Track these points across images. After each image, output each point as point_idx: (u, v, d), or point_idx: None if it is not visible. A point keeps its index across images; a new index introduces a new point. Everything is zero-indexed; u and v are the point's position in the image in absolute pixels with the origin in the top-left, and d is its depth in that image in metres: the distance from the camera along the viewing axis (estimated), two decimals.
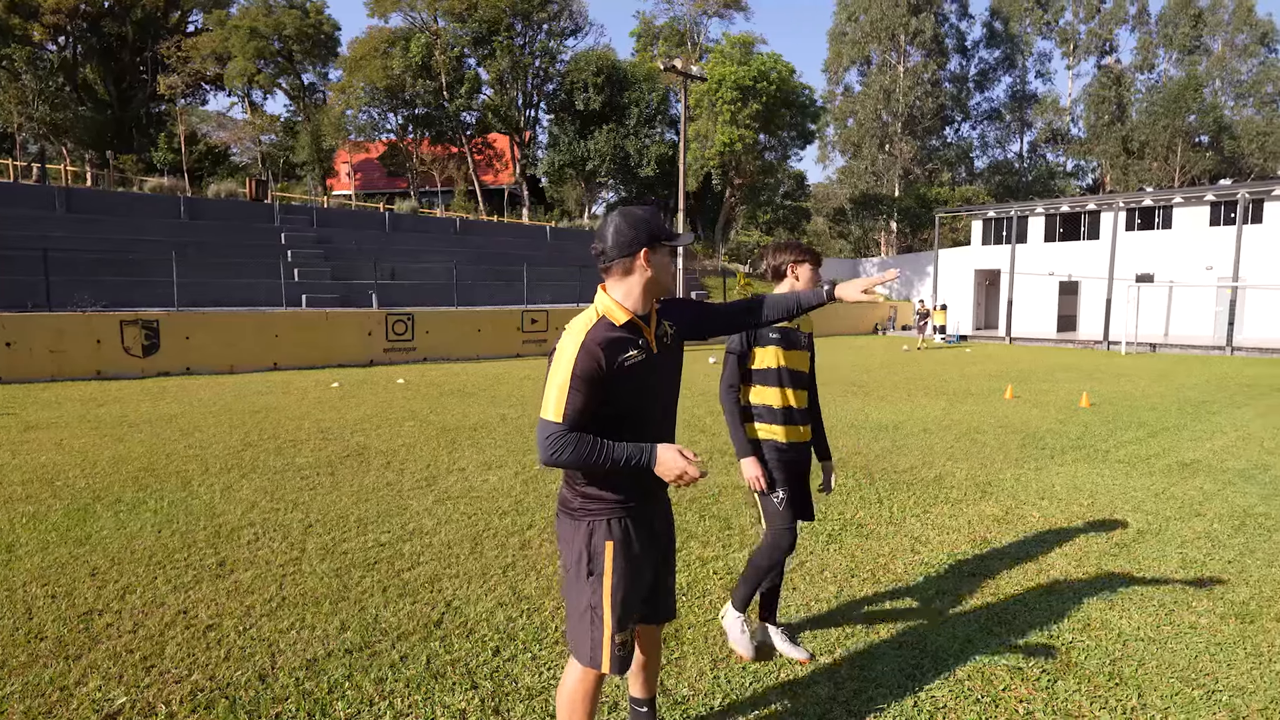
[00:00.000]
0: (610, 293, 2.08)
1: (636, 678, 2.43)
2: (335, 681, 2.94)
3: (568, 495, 2.13)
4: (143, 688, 2.87)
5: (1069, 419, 9.41)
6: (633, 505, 2.08)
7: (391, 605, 3.66)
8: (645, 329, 2.08)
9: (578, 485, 2.09)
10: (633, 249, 2.03)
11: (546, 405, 1.96)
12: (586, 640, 2.08)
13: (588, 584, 2.07)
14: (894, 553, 4.45)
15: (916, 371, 15.71)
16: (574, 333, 2.00)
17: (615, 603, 2.05)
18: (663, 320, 2.16)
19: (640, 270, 2.05)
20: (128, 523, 4.93)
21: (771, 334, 3.04)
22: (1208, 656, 3.12)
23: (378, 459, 6.94)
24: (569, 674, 2.16)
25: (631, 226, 2.04)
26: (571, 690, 2.14)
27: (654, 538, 2.17)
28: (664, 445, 1.98)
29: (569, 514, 2.12)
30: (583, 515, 2.09)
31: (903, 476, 6.35)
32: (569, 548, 2.12)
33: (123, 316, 14.11)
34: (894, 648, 3.22)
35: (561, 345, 2.01)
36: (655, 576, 2.21)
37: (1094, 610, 3.58)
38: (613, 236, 2.05)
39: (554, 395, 1.95)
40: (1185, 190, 27.39)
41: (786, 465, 3.06)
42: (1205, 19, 46.51)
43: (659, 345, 2.11)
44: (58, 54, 37.33)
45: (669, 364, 2.16)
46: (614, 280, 2.08)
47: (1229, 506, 5.42)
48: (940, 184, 45.56)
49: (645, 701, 2.45)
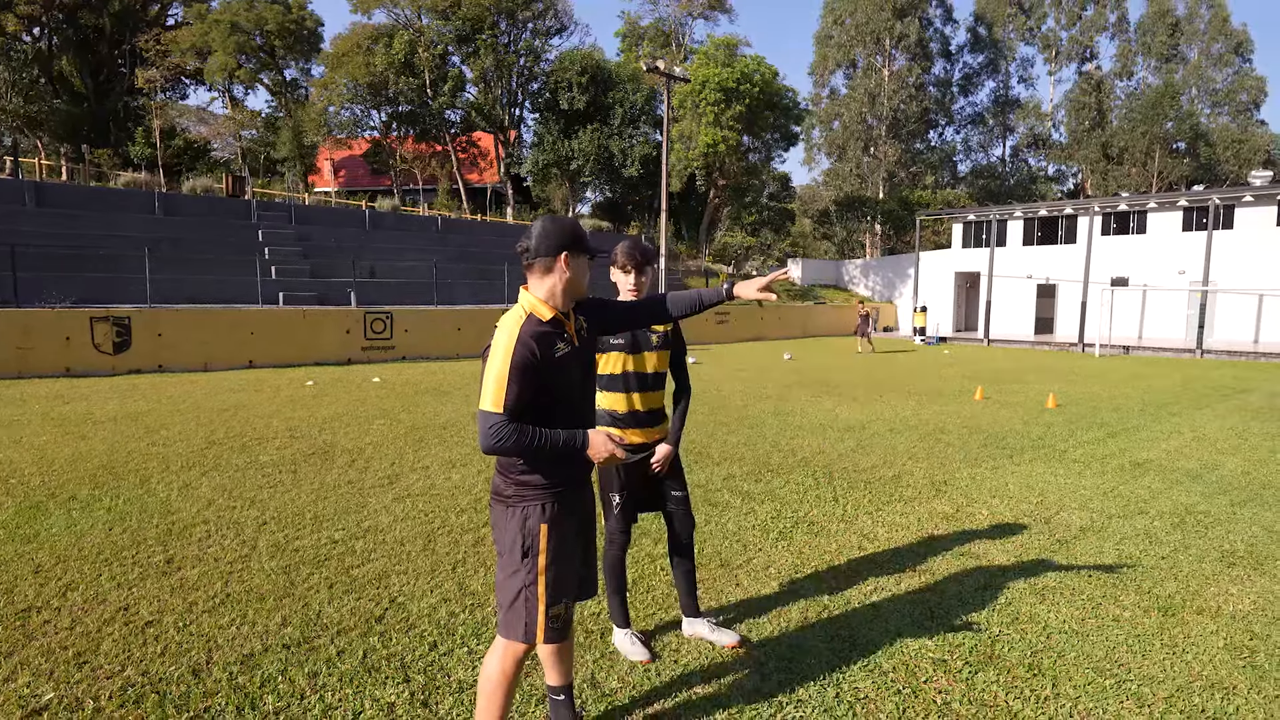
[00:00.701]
0: (533, 291, 2.24)
1: (553, 665, 2.50)
2: (269, 676, 2.96)
3: (501, 484, 2.25)
4: (73, 683, 2.88)
5: (1033, 420, 9.56)
6: (562, 489, 2.24)
7: (336, 601, 3.68)
8: (567, 324, 2.26)
9: (511, 474, 2.22)
10: (555, 251, 2.20)
11: (485, 396, 2.09)
12: (521, 619, 2.20)
13: (522, 565, 2.20)
14: (840, 549, 4.53)
15: (890, 373, 15.86)
16: (507, 328, 2.14)
17: (549, 579, 2.20)
18: (578, 316, 2.34)
19: (559, 271, 2.21)
20: (79, 520, 4.91)
21: (615, 340, 3.06)
22: (1125, 648, 3.21)
23: (342, 457, 6.93)
24: (491, 655, 2.26)
25: (556, 231, 2.22)
26: (491, 670, 2.25)
27: (582, 519, 2.34)
28: (594, 430, 2.18)
29: (502, 501, 2.24)
30: (516, 501, 2.22)
31: (862, 476, 6.43)
32: (503, 533, 2.24)
33: (93, 313, 13.96)
34: (825, 640, 3.29)
35: (496, 340, 2.15)
36: (582, 554, 2.36)
37: (1024, 604, 3.67)
38: (538, 238, 2.21)
39: (492, 386, 2.08)
40: (1159, 196, 27.83)
41: (629, 469, 3.10)
42: (1182, 28, 47.26)
43: (579, 339, 2.29)
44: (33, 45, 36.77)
45: (586, 356, 2.35)
46: (536, 279, 2.24)
47: (1172, 504, 5.55)
48: (924, 187, 45.95)
49: (562, 689, 2.52)
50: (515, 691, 2.27)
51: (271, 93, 42.16)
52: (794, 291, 35.21)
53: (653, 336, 3.13)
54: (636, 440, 3.10)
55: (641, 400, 3.10)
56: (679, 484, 3.24)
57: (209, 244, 20.32)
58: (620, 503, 3.11)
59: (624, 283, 3.04)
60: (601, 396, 3.09)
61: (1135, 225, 28.34)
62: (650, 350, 3.12)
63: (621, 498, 3.11)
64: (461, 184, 40.09)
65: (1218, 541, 4.69)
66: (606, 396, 3.09)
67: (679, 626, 3.40)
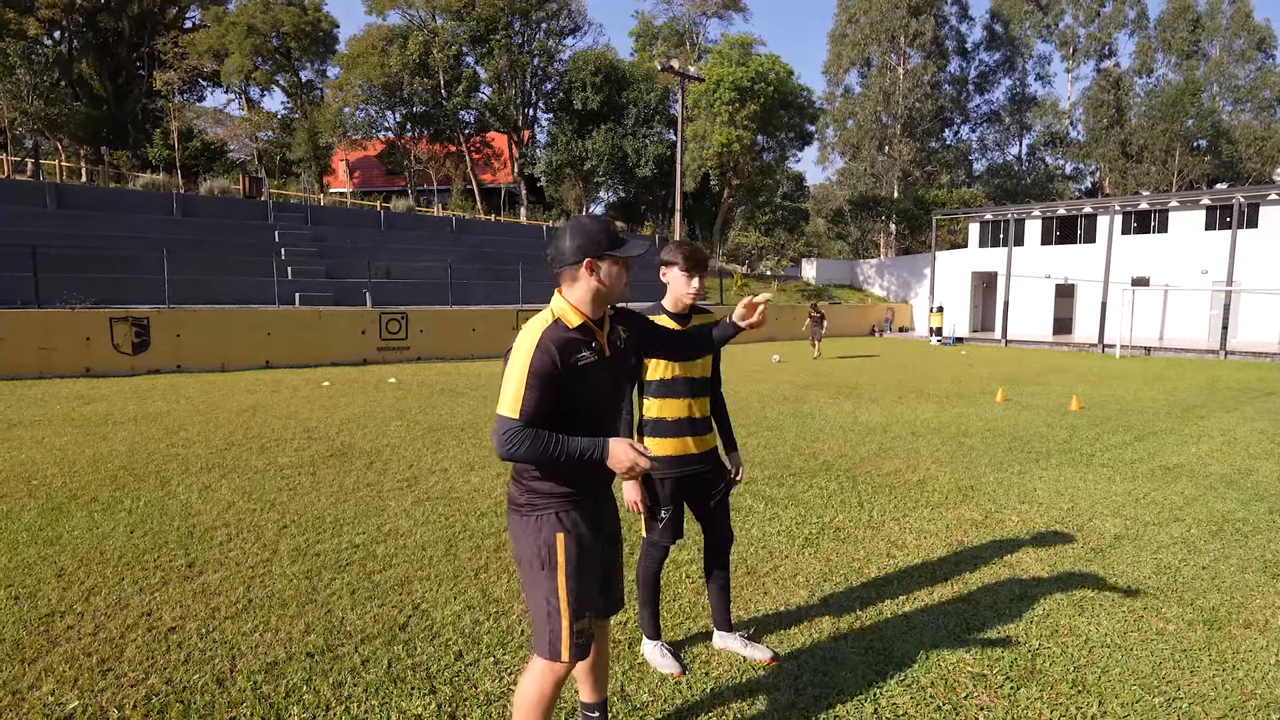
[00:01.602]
0: (566, 295, 2.16)
1: (586, 681, 2.43)
2: (293, 685, 2.92)
3: (515, 492, 2.17)
4: (97, 691, 2.85)
5: (1057, 422, 9.40)
6: (579, 499, 2.14)
7: (359, 608, 3.64)
8: (598, 332, 2.16)
9: (525, 481, 2.14)
10: (578, 257, 2.10)
11: (504, 402, 2.02)
12: (545, 633, 2.11)
13: (543, 576, 2.11)
14: (869, 557, 4.43)
15: (908, 374, 15.69)
16: (530, 332, 2.06)
17: (570, 592, 2.11)
18: (617, 325, 2.25)
19: (585, 278, 2.12)
20: (101, 523, 4.91)
21: None
22: (1172, 663, 3.10)
23: (360, 459, 6.91)
24: (528, 672, 2.17)
25: (578, 236, 2.12)
26: (527, 689, 2.15)
27: (602, 529, 2.24)
28: (615, 439, 2.05)
29: (518, 510, 2.16)
30: (530, 511, 2.13)
31: (886, 480, 6.33)
32: (520, 544, 2.16)
33: (112, 314, 14.07)
34: (859, 652, 3.20)
35: (518, 344, 2.06)
36: (606, 568, 2.28)
37: (1063, 616, 3.57)
38: (562, 243, 2.13)
39: (511, 392, 2.01)
40: (1181, 194, 27.41)
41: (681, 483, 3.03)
42: (1204, 24, 46.55)
43: (611, 349, 2.19)
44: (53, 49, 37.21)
45: (620, 367, 2.25)
46: (566, 285, 2.16)
47: (1208, 511, 5.40)
48: (939, 186, 45.55)
49: (596, 706, 2.44)
50: (553, 712, 2.18)
51: (287, 94, 42.47)
52: (808, 292, 35.00)
53: None
54: (693, 449, 3.01)
55: (697, 406, 3.01)
56: (724, 496, 3.15)
57: (226, 245, 20.45)
58: (666, 518, 3.01)
59: (683, 286, 2.91)
60: (651, 404, 3.00)
61: (1157, 224, 27.92)
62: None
63: (668, 513, 3.01)
64: (476, 184, 40.19)
65: (1259, 551, 4.55)
66: (657, 404, 2.99)
67: (709, 638, 3.33)
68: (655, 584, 3.13)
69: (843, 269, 39.67)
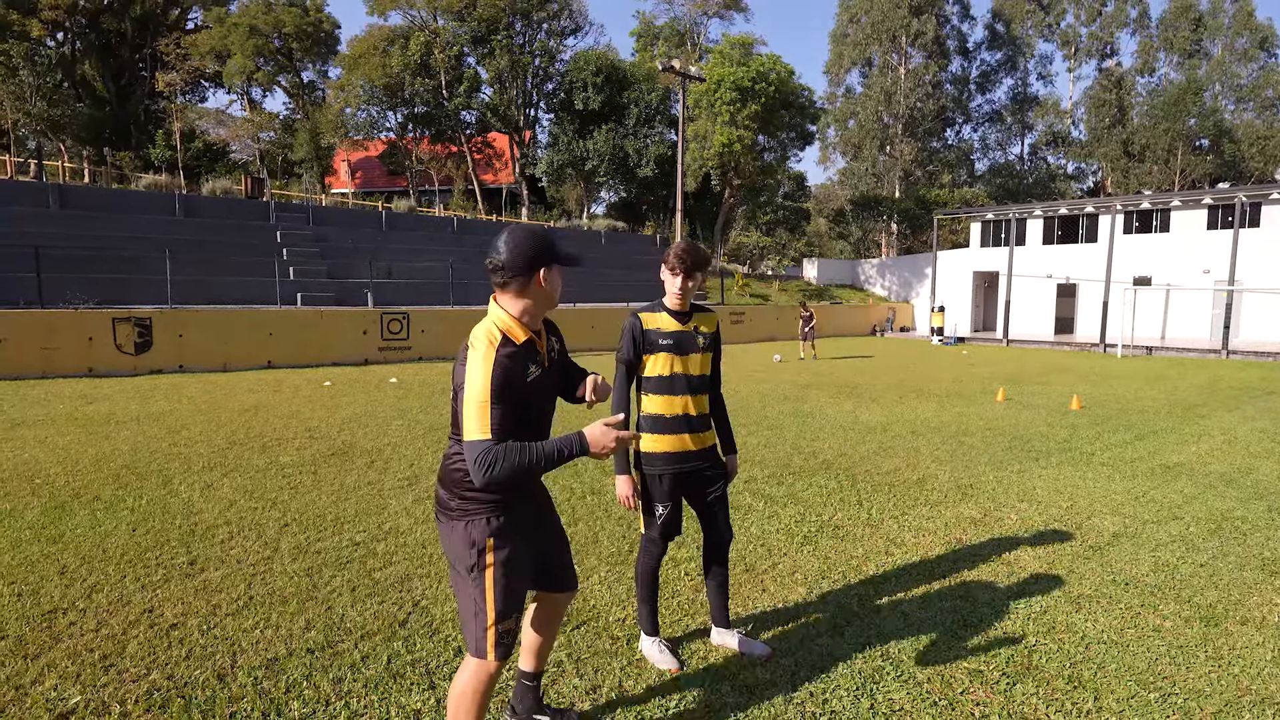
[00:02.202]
0: (507, 308, 2.13)
1: (529, 652, 2.57)
2: (293, 681, 2.94)
3: (445, 497, 2.18)
4: (99, 686, 2.87)
5: (1058, 422, 9.40)
6: (507, 501, 2.15)
7: (359, 605, 3.66)
8: (539, 344, 2.18)
9: (456, 489, 2.14)
10: (532, 268, 2.09)
11: (469, 428, 1.96)
12: (473, 632, 2.15)
13: (469, 579, 2.13)
14: (867, 555, 4.45)
15: (910, 373, 15.69)
16: (481, 351, 2.02)
17: (497, 594, 2.12)
18: (550, 336, 2.28)
19: (535, 288, 2.11)
20: (103, 521, 4.93)
21: (663, 340, 2.99)
22: (1168, 660, 3.12)
23: (362, 458, 6.93)
24: (461, 670, 2.21)
25: (531, 244, 2.09)
26: (462, 685, 2.17)
27: (534, 525, 2.29)
28: (588, 427, 2.02)
29: (447, 515, 2.17)
30: (460, 515, 2.14)
31: (885, 479, 6.34)
32: (450, 547, 2.17)
33: (115, 314, 14.11)
34: (856, 648, 3.22)
35: (472, 364, 2.01)
36: (542, 558, 2.33)
37: (1060, 613, 3.58)
38: (512, 253, 2.08)
39: (475, 415, 1.95)
40: (1183, 194, 27.37)
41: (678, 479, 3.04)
42: (1206, 23, 46.48)
43: (549, 360, 2.22)
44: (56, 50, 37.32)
45: (557, 377, 2.29)
46: (509, 297, 2.12)
47: (1207, 510, 5.41)
48: (941, 186, 45.52)
49: (533, 675, 2.59)
50: (486, 707, 2.21)
51: (289, 95, 42.54)
52: (809, 292, 35.01)
53: (699, 339, 3.03)
54: (691, 446, 3.03)
55: (694, 404, 3.03)
56: (722, 493, 3.15)
57: (228, 245, 20.50)
58: (664, 515, 3.03)
59: (669, 284, 2.97)
60: (650, 400, 3.03)
61: (1159, 224, 27.89)
62: (696, 352, 3.03)
63: (666, 510, 3.03)
64: (477, 185, 40.23)
65: (1258, 549, 4.56)
66: (654, 400, 3.02)
67: (706, 634, 3.34)
68: (653, 581, 3.14)
69: (844, 269, 39.67)
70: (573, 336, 20.60)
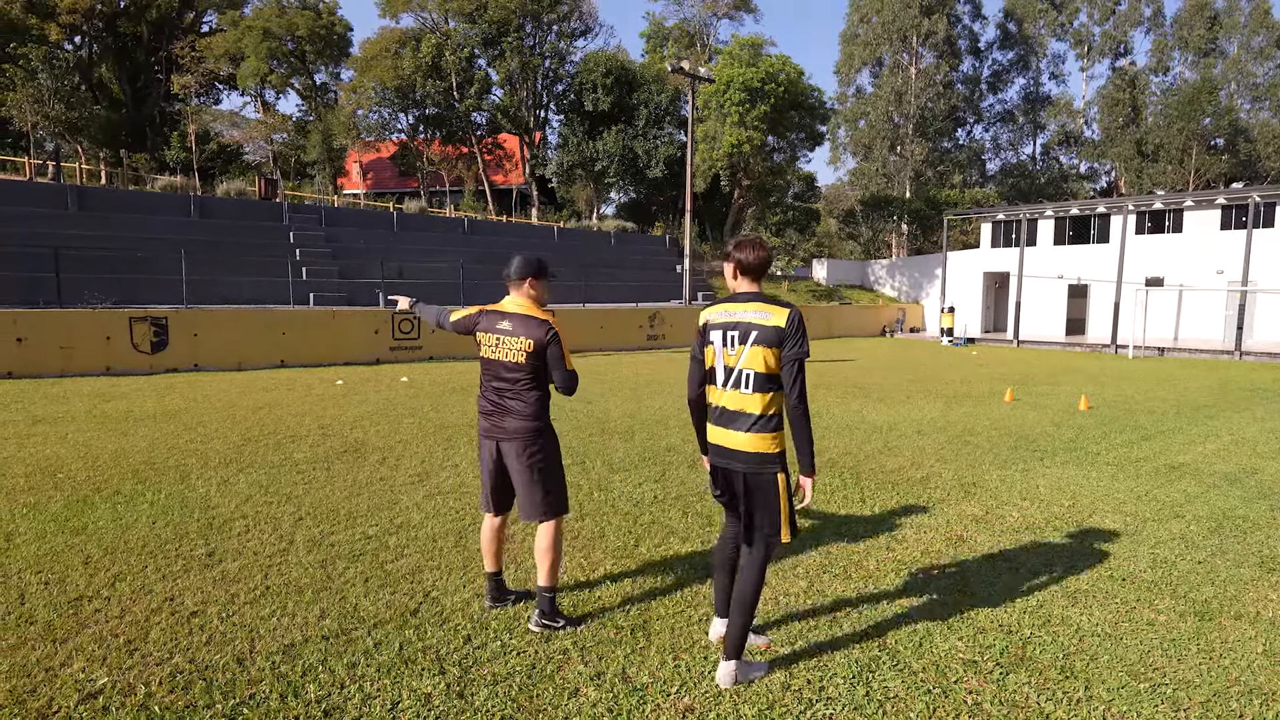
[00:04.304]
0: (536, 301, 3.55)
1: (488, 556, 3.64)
2: (309, 665, 3.05)
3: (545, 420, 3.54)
4: (124, 669, 3.00)
5: (1065, 422, 9.42)
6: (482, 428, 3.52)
7: (372, 595, 3.78)
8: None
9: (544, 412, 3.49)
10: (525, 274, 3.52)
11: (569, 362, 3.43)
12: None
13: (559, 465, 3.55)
14: (869, 550, 4.52)
15: (919, 374, 15.71)
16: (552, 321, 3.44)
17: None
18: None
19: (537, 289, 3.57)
20: (124, 514, 5.08)
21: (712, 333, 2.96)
22: (1160, 652, 3.18)
23: (374, 455, 7.06)
24: None
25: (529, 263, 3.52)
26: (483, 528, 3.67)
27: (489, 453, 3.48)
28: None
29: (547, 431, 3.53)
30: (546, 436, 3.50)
31: (890, 477, 6.40)
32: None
33: (132, 313, 14.35)
34: (853, 639, 3.30)
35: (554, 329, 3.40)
36: (492, 480, 3.49)
37: (1056, 607, 3.65)
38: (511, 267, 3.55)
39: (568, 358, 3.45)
40: (1196, 194, 27.18)
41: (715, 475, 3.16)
42: (1221, 21, 46.05)
43: None
44: (73, 53, 37.83)
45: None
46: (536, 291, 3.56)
47: (1209, 509, 5.45)
48: (951, 186, 45.34)
49: (491, 575, 3.65)
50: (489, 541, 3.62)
51: (302, 97, 42.93)
52: (819, 292, 34.98)
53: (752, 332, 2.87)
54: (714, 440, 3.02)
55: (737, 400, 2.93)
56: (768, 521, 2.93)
57: (242, 246, 20.76)
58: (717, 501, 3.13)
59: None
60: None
61: (1171, 224, 27.70)
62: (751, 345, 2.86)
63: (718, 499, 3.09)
64: (487, 185, 40.45)
65: (1257, 547, 4.60)
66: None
67: (706, 623, 3.43)
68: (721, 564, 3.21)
69: (854, 269, 39.60)
70: (582, 336, 20.80)
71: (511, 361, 3.37)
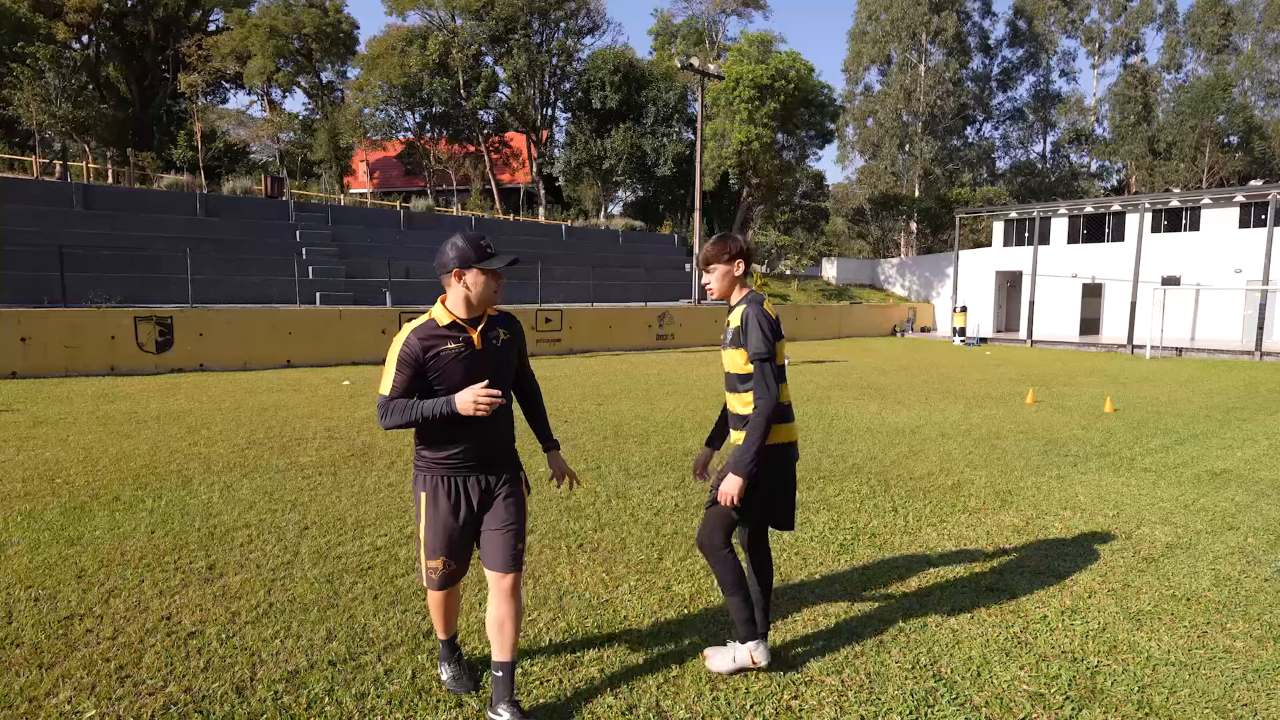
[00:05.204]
0: (445, 300, 2.63)
1: (493, 641, 2.64)
2: (315, 696, 2.81)
3: (415, 453, 2.74)
4: (114, 699, 2.75)
5: (1092, 425, 9.12)
6: (449, 466, 2.63)
7: (381, 614, 3.53)
8: (470, 329, 2.60)
9: (416, 446, 2.70)
10: (448, 268, 2.57)
11: (381, 385, 2.58)
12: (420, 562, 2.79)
13: (417, 520, 2.75)
14: (908, 565, 4.26)
15: (934, 374, 15.41)
16: (404, 329, 2.60)
17: (425, 538, 2.70)
18: (497, 326, 2.67)
19: (455, 285, 2.58)
20: (122, 523, 4.85)
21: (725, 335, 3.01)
22: (1244, 684, 2.91)
23: (381, 459, 6.83)
24: None
25: (452, 251, 2.56)
26: (428, 599, 2.84)
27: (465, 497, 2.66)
28: (462, 390, 2.48)
29: (414, 466, 2.75)
30: (415, 470, 2.74)
31: (919, 484, 6.13)
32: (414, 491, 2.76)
33: (137, 312, 14.16)
34: (905, 669, 3.03)
35: (395, 338, 2.59)
36: (463, 528, 2.67)
37: (1121, 631, 3.37)
38: (442, 255, 2.60)
39: (384, 376, 2.57)
40: (1214, 191, 26.75)
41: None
42: (1235, 17, 45.50)
43: (484, 343, 2.62)
44: (81, 52, 37.79)
45: (488, 361, 2.64)
46: (447, 290, 2.63)
47: (1264, 520, 5.16)
48: (961, 184, 44.91)
49: (500, 666, 2.61)
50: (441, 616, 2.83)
51: (308, 95, 42.81)
52: (829, 292, 34.66)
53: (727, 333, 2.99)
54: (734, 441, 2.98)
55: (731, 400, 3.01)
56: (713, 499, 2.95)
57: (248, 245, 20.58)
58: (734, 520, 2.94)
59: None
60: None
61: (1188, 222, 27.27)
62: (725, 348, 3.00)
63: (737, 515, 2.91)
64: (494, 184, 40.23)
65: None
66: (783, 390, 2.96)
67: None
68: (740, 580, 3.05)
69: (863, 268, 39.24)
70: (590, 336, 20.55)
71: None
